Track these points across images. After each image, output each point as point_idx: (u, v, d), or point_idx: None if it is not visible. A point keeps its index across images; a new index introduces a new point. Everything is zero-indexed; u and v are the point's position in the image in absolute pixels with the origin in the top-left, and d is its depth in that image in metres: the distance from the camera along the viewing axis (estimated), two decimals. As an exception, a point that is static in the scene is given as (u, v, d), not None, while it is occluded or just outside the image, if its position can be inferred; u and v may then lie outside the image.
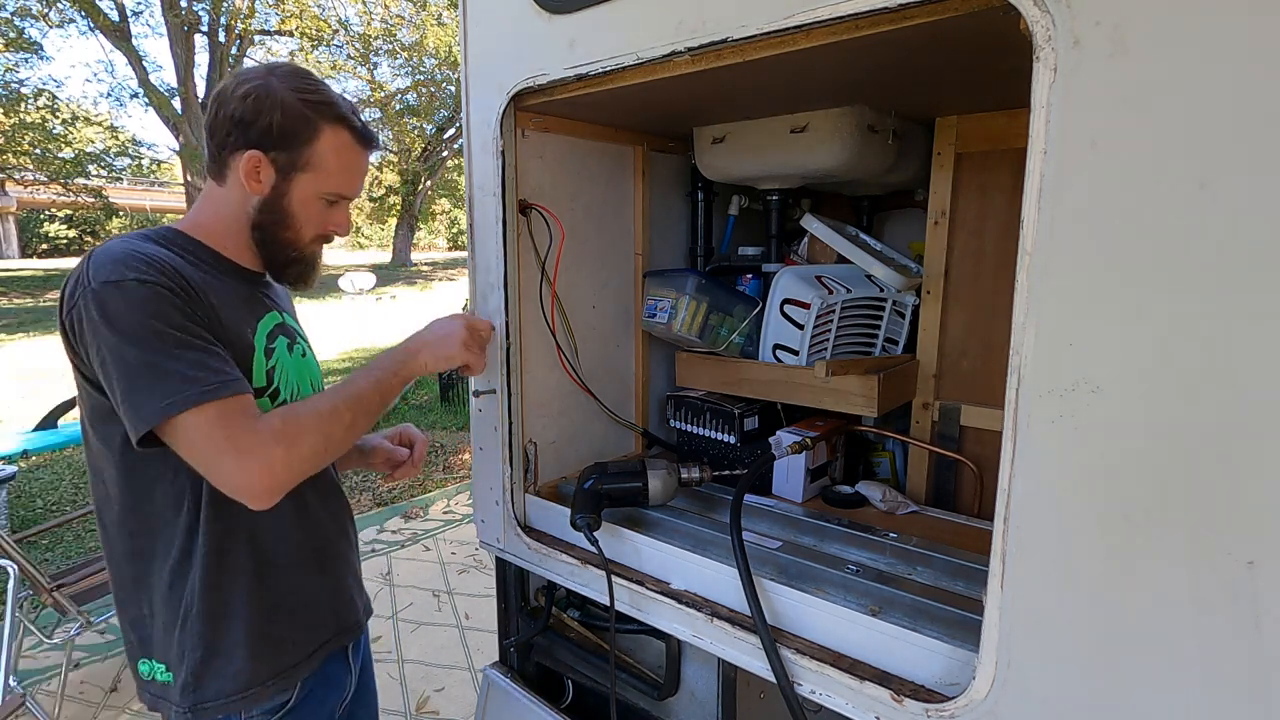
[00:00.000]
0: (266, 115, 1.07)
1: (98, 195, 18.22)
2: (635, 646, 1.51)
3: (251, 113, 1.06)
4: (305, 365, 1.25)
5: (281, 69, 1.12)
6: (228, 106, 1.08)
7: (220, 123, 1.09)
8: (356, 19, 18.41)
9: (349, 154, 1.15)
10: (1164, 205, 0.69)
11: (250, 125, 1.07)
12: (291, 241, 1.16)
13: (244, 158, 1.08)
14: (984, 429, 1.52)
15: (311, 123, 1.10)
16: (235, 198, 1.12)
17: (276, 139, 1.08)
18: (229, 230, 1.14)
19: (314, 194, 1.14)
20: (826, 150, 1.44)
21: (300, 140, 1.10)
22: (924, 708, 0.91)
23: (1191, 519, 0.71)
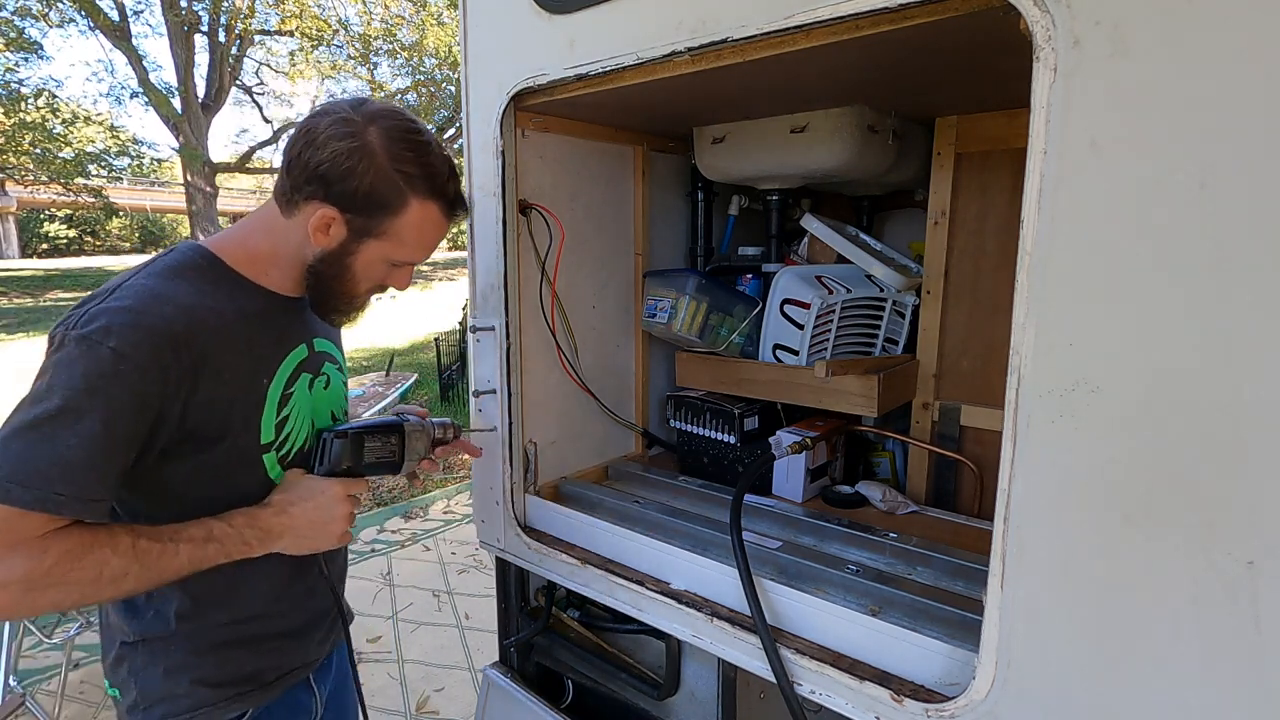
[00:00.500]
0: (355, 180, 0.98)
1: (98, 195, 18.21)
2: (635, 646, 1.51)
3: (339, 172, 0.97)
4: (327, 397, 1.18)
5: (385, 119, 1.00)
6: (315, 152, 0.98)
7: (301, 165, 0.99)
8: (356, 19, 18.40)
9: (431, 229, 1.07)
10: (1164, 205, 0.69)
11: (334, 183, 0.98)
12: (344, 293, 1.10)
13: (318, 212, 1.00)
14: (984, 429, 1.52)
15: (402, 195, 1.01)
16: (296, 237, 1.04)
17: (359, 204, 1.00)
18: (279, 261, 1.07)
19: (382, 259, 1.07)
20: (826, 150, 1.44)
21: (384, 211, 1.01)
22: (924, 708, 0.91)
23: (1191, 519, 0.71)
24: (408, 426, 1.16)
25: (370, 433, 1.12)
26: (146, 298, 0.92)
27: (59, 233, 31.32)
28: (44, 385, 0.86)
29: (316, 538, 1.07)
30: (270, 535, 1.03)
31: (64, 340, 0.88)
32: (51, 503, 0.84)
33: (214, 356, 0.96)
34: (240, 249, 1.06)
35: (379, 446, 1.13)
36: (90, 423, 0.85)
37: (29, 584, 0.84)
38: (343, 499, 1.08)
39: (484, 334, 1.46)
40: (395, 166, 0.99)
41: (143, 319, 0.90)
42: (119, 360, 0.86)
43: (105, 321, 0.87)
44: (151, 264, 0.99)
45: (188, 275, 0.99)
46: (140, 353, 0.88)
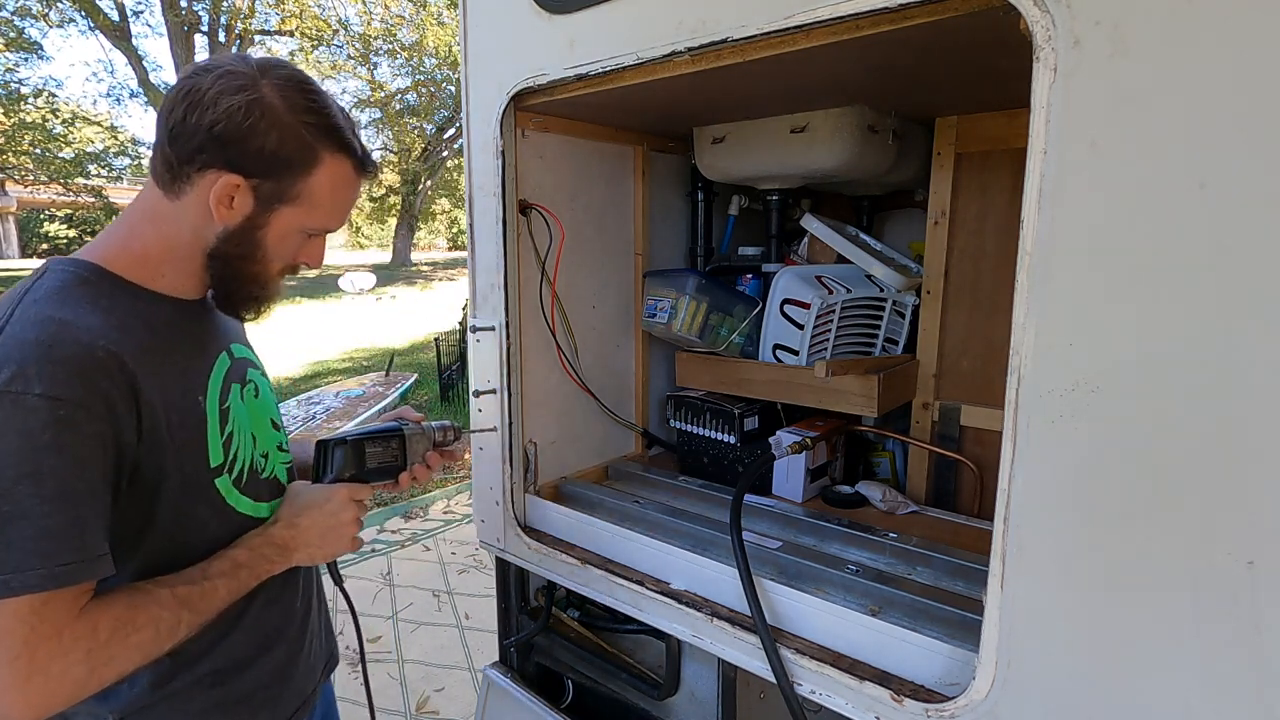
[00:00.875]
0: (259, 137, 0.87)
1: (98, 195, 18.22)
2: (635, 646, 1.51)
3: (238, 130, 0.86)
4: (259, 406, 1.08)
5: (276, 72, 0.90)
6: (204, 113, 0.86)
7: (190, 130, 0.86)
8: (356, 19, 18.41)
9: (346, 187, 0.97)
10: (1164, 205, 0.69)
11: (233, 145, 0.87)
12: (256, 276, 0.98)
13: (218, 181, 0.88)
14: (984, 429, 1.52)
15: (312, 150, 0.91)
16: (190, 219, 0.91)
17: (266, 165, 0.89)
18: (173, 256, 0.94)
19: (296, 228, 0.96)
20: (826, 150, 1.44)
21: (295, 170, 0.91)
22: (924, 708, 0.91)
23: (1191, 519, 0.71)
24: (407, 430, 1.15)
25: (371, 439, 1.11)
26: (46, 328, 0.79)
27: (59, 233, 31.31)
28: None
29: (329, 544, 1.04)
30: (286, 550, 1.00)
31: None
32: (62, 576, 0.76)
33: (142, 377, 0.85)
34: (124, 253, 0.92)
35: (380, 452, 1.12)
36: (56, 481, 0.76)
37: (92, 665, 0.79)
38: (348, 504, 1.05)
39: (484, 334, 1.46)
40: (300, 119, 0.89)
41: (55, 351, 0.78)
42: (61, 406, 0.76)
43: (17, 367, 0.75)
44: (27, 292, 0.84)
45: (76, 295, 0.85)
46: (71, 388, 0.77)
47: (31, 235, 30.94)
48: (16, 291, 0.86)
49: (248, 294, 0.99)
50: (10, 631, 0.75)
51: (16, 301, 0.83)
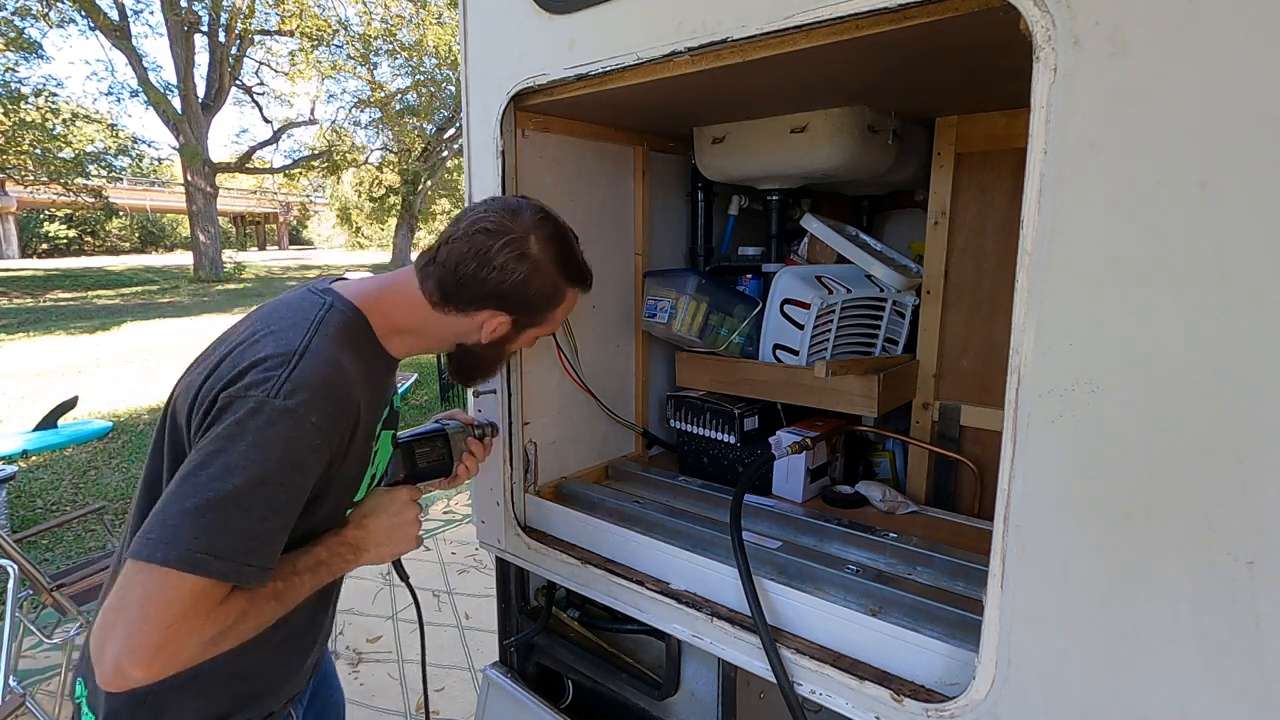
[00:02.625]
0: (530, 290, 1.06)
1: (98, 195, 18.22)
2: (635, 646, 1.51)
3: (516, 287, 1.05)
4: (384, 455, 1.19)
5: (541, 226, 1.07)
6: (491, 273, 1.04)
7: (477, 282, 1.04)
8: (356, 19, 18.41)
9: (573, 306, 1.18)
10: (1164, 205, 0.69)
11: (511, 297, 1.06)
12: (492, 367, 1.20)
13: (494, 319, 1.08)
14: (984, 429, 1.52)
15: (561, 290, 1.12)
16: (453, 329, 1.10)
17: (530, 309, 1.10)
18: (418, 339, 1.11)
19: (533, 337, 1.18)
20: (826, 150, 1.44)
21: (548, 307, 1.12)
22: (924, 708, 0.91)
23: (1191, 519, 0.71)
24: (450, 430, 1.25)
25: (419, 441, 1.21)
26: (333, 368, 0.93)
27: (59, 233, 31.31)
28: (240, 453, 0.84)
29: (395, 543, 1.11)
30: (358, 549, 1.07)
31: (263, 407, 0.86)
32: (243, 574, 0.85)
33: (361, 425, 1.00)
34: (386, 320, 1.08)
35: (429, 452, 1.21)
36: (286, 495, 0.87)
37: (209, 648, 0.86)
38: (409, 503, 1.13)
39: (484, 334, 1.45)
40: (558, 269, 1.09)
41: (334, 392, 0.92)
42: (319, 435, 0.89)
43: (308, 396, 0.88)
44: (320, 325, 0.98)
45: (350, 341, 1.01)
46: (333, 427, 0.91)
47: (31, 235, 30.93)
48: (307, 319, 0.98)
49: (480, 377, 1.23)
50: (178, 601, 0.82)
51: (313, 332, 0.95)
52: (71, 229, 31.60)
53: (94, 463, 5.36)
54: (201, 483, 0.83)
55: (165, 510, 0.83)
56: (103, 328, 11.55)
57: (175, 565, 0.81)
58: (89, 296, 15.97)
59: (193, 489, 0.83)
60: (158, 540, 0.82)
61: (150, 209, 34.17)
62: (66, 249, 31.30)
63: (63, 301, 15.16)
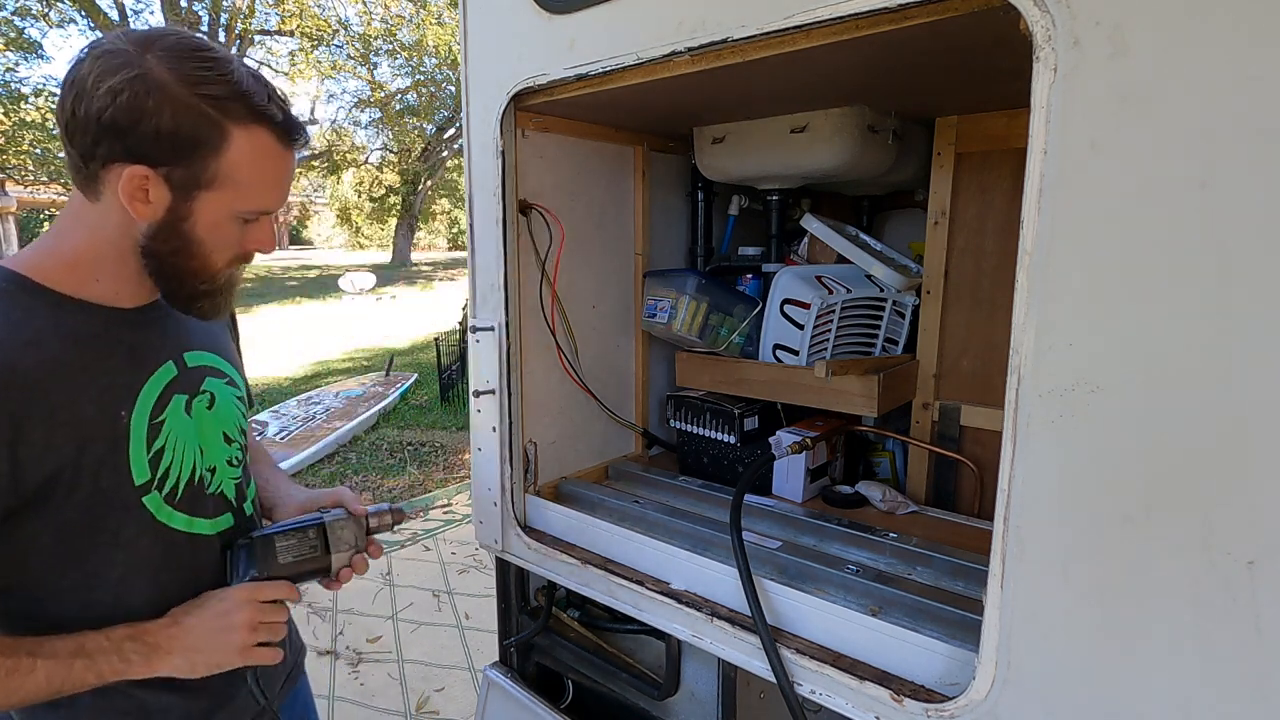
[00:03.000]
0: (150, 118, 0.78)
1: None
2: (635, 646, 1.51)
3: (126, 115, 0.77)
4: (214, 418, 1.01)
5: (161, 42, 0.80)
6: (89, 103, 0.77)
7: (81, 123, 0.78)
8: (356, 19, 18.41)
9: (270, 160, 0.87)
10: (1164, 205, 0.69)
11: (126, 132, 0.78)
12: (199, 271, 0.90)
13: (123, 174, 0.80)
14: (984, 429, 1.52)
15: (217, 126, 0.81)
16: (114, 219, 0.84)
17: (169, 150, 0.80)
18: (105, 260, 0.87)
19: (227, 214, 0.87)
20: (826, 150, 1.44)
21: (203, 151, 0.82)
22: (924, 708, 0.91)
23: (1191, 519, 0.71)
24: (328, 519, 1.04)
25: (283, 533, 1.00)
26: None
27: (59, 233, 31.30)
28: None
29: (212, 651, 0.90)
30: (157, 650, 0.87)
31: None
32: None
33: (40, 398, 0.80)
34: (50, 259, 0.86)
35: (294, 545, 0.99)
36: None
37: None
38: (244, 604, 0.92)
39: (484, 334, 1.46)
40: (197, 92, 0.79)
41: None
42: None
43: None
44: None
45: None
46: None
47: (31, 235, 30.94)
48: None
49: (194, 290, 0.92)
50: None
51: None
52: (71, 229, 31.57)
53: (94, 463, 5.35)
54: None
55: None
56: (103, 328, 11.52)
57: None
58: (89, 296, 15.93)
59: None
60: None
61: (150, 209, 34.15)
62: (66, 249, 31.26)
63: (63, 301, 15.13)
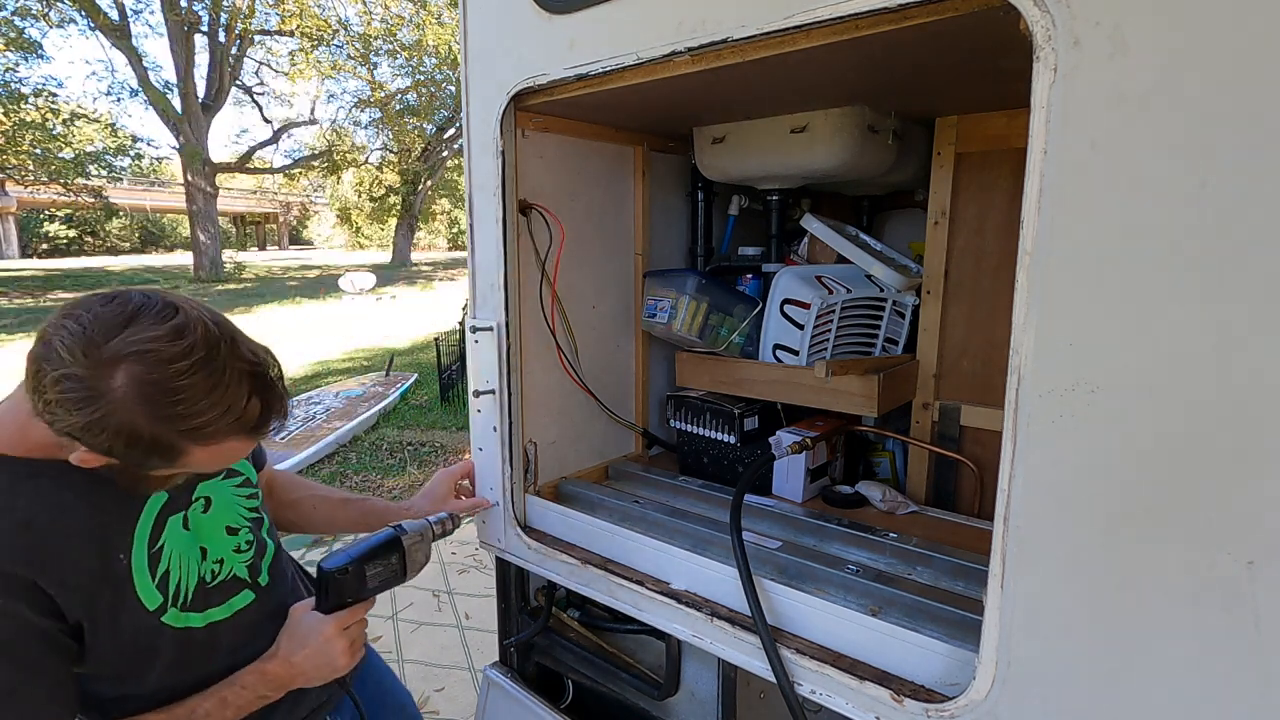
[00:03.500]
0: (108, 440, 0.79)
1: (98, 195, 18.23)
2: (635, 646, 1.51)
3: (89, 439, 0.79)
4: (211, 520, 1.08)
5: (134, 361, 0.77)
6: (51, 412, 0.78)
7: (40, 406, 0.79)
8: (356, 19, 18.42)
9: (231, 454, 0.90)
10: (1164, 205, 0.69)
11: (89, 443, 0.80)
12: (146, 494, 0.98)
13: (78, 452, 0.82)
14: (984, 429, 1.52)
15: (179, 450, 0.83)
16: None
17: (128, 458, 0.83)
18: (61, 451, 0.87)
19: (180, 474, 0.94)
20: (826, 150, 1.44)
21: (163, 463, 0.85)
22: (924, 708, 0.91)
23: (1191, 519, 0.71)
24: (406, 541, 1.15)
25: (370, 560, 1.11)
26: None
27: (59, 233, 31.33)
28: None
29: (323, 672, 1.08)
30: (281, 684, 1.06)
31: None
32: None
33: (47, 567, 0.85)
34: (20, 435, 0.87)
35: (381, 571, 1.12)
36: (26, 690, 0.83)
37: None
38: (338, 635, 1.08)
39: (483, 334, 1.46)
40: (166, 428, 0.79)
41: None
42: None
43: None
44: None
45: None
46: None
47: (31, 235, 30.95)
48: None
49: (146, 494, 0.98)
50: None
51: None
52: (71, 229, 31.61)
53: (94, 463, 5.36)
54: None
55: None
56: (103, 328, 11.53)
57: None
58: (89, 296, 15.94)
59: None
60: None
61: (150, 209, 34.19)
62: (67, 249, 31.33)
63: (63, 301, 15.15)
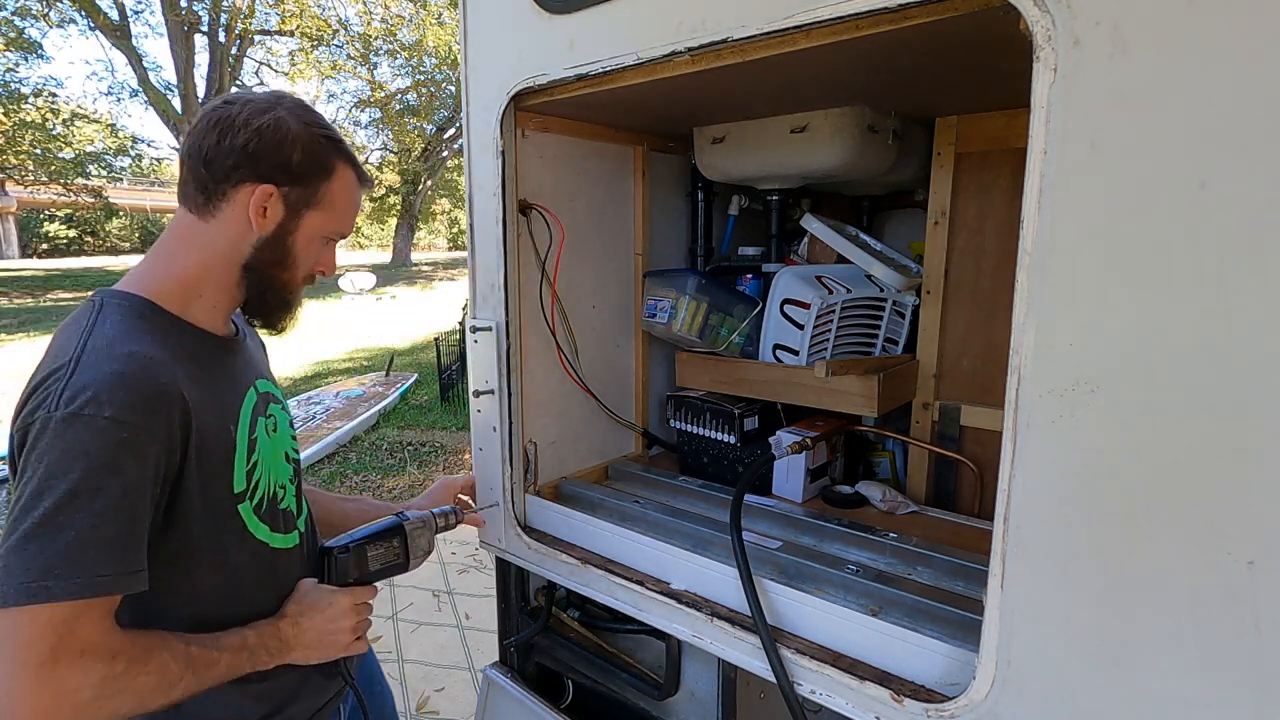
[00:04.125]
0: (286, 149, 0.99)
1: (98, 195, 18.23)
2: (635, 646, 1.51)
3: (268, 145, 0.98)
4: (278, 440, 1.14)
5: (288, 99, 1.04)
6: (235, 135, 0.97)
7: (224, 152, 0.97)
8: (356, 19, 18.42)
9: (354, 193, 1.10)
10: (1164, 205, 0.69)
11: (265, 158, 0.98)
12: (287, 283, 1.08)
13: (255, 191, 0.99)
14: (984, 429, 1.52)
15: (331, 158, 1.04)
16: (227, 235, 1.01)
17: (294, 174, 1.01)
18: (208, 276, 1.02)
19: (319, 233, 1.07)
20: (826, 150, 1.44)
21: (317, 177, 1.03)
22: (924, 708, 0.91)
23: (1191, 519, 0.71)
24: (408, 526, 1.18)
25: (373, 542, 1.14)
26: (121, 360, 0.87)
27: (59, 233, 31.32)
28: (41, 476, 0.81)
29: (323, 648, 1.08)
30: (285, 647, 1.04)
31: (48, 423, 0.82)
32: (99, 585, 0.81)
33: (193, 406, 0.93)
34: (168, 282, 1.00)
35: (383, 554, 1.15)
36: (109, 498, 0.82)
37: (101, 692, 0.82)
38: (350, 610, 1.10)
39: (483, 334, 1.46)
40: (315, 133, 1.03)
41: (129, 382, 0.85)
42: (123, 429, 0.83)
43: (92, 394, 0.83)
44: (94, 327, 0.91)
45: (138, 329, 0.93)
46: (138, 414, 0.85)
47: (31, 235, 30.93)
48: (78, 327, 0.92)
49: (280, 301, 1.09)
50: (40, 638, 0.78)
51: (85, 335, 0.89)
52: (71, 229, 31.60)
53: (94, 463, 5.35)
54: (16, 517, 0.81)
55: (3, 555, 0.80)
56: (103, 328, 11.53)
57: (15, 601, 0.78)
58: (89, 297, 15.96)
59: (11, 526, 0.81)
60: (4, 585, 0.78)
61: (150, 209, 34.18)
62: (67, 249, 31.31)
63: (63, 302, 15.16)
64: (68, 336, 0.91)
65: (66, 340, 0.90)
